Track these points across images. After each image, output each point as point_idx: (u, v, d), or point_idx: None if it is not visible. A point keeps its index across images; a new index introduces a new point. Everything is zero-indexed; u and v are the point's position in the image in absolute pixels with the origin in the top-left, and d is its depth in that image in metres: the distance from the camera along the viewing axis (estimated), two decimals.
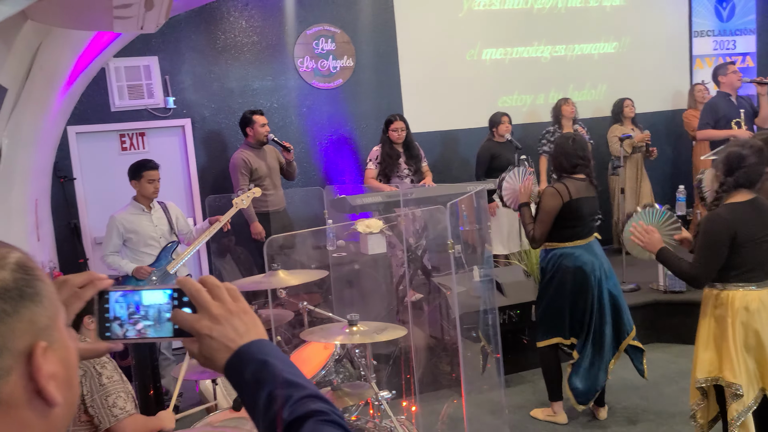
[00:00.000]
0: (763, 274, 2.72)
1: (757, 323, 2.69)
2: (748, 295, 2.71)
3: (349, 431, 0.84)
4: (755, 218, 2.73)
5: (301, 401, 0.83)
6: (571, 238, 3.74)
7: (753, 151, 2.73)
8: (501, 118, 5.98)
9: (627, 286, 5.34)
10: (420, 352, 4.15)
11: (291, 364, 0.88)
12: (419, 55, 6.62)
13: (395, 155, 5.53)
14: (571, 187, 3.69)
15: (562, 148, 3.78)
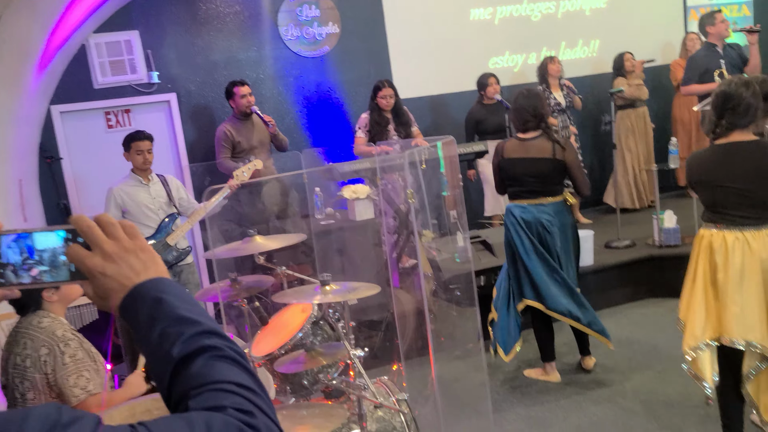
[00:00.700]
0: (734, 218, 2.66)
1: (719, 263, 2.66)
2: (716, 234, 2.69)
3: (247, 366, 0.81)
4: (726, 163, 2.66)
5: (193, 338, 0.79)
6: (514, 196, 3.78)
7: (740, 86, 2.63)
8: (488, 80, 5.89)
9: (622, 243, 5.30)
10: (411, 317, 4.14)
11: (190, 300, 0.85)
12: (406, 18, 6.50)
13: (384, 122, 5.46)
14: (508, 145, 3.73)
15: (514, 104, 3.73)
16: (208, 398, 0.75)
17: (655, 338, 4.32)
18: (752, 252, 2.63)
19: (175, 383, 0.78)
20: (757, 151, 2.65)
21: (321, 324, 2.65)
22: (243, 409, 0.75)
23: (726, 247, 2.64)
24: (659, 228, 5.14)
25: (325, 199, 4.87)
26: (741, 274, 2.63)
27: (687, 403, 3.39)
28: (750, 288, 2.63)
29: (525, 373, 4.03)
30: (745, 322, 2.63)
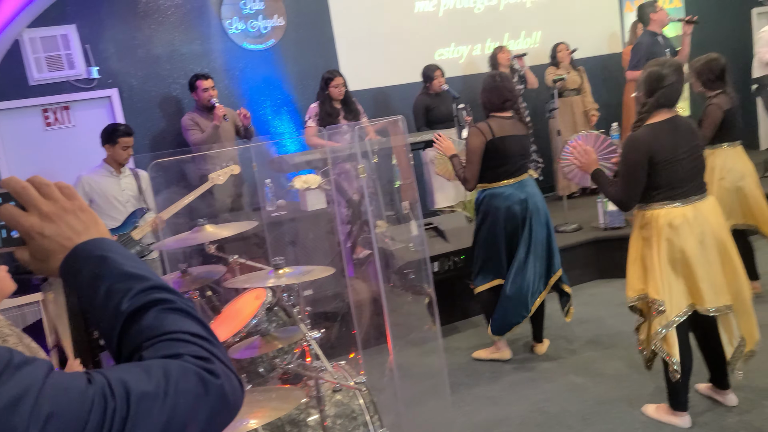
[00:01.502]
0: (685, 192, 2.77)
1: (681, 239, 2.74)
2: (672, 212, 2.76)
3: (199, 318, 0.80)
4: (673, 137, 2.76)
5: (143, 292, 0.78)
6: (500, 177, 3.73)
7: (672, 69, 2.76)
8: (434, 73, 5.95)
9: (569, 227, 5.44)
10: (367, 306, 4.14)
11: (136, 259, 0.83)
12: (352, 10, 6.50)
13: (334, 113, 5.45)
14: (494, 125, 3.68)
15: (491, 84, 3.75)
16: (162, 348, 0.74)
17: (603, 316, 4.45)
18: (707, 221, 2.77)
19: (125, 339, 0.76)
20: (686, 123, 2.84)
21: (275, 310, 2.62)
22: (199, 356, 0.74)
23: (688, 222, 2.75)
24: (603, 211, 5.30)
25: (276, 191, 4.82)
26: (703, 244, 2.75)
27: (636, 377, 3.51)
28: (712, 255, 2.76)
29: (473, 355, 4.07)
30: (715, 290, 2.76)
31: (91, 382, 0.67)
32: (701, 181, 2.84)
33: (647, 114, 2.80)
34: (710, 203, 2.83)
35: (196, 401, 0.71)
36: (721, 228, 2.83)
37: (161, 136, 5.75)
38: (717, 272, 2.79)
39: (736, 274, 2.84)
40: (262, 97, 6.14)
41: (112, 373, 0.69)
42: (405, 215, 3.99)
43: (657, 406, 3.09)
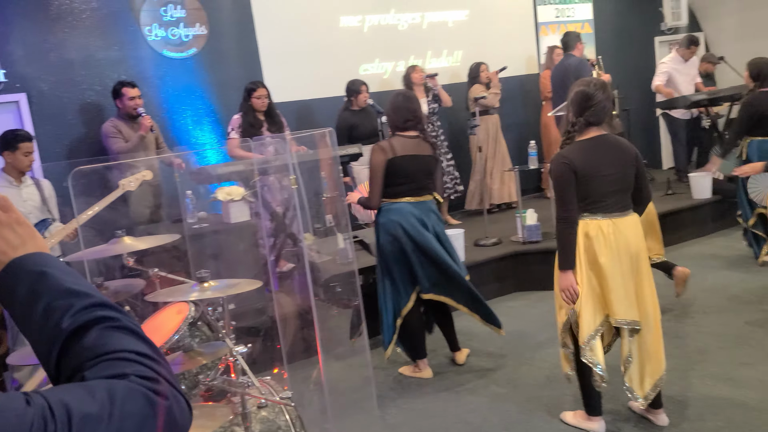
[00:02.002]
0: (605, 206, 2.89)
1: (595, 250, 2.87)
2: (589, 224, 2.89)
3: (144, 337, 0.76)
4: (598, 154, 2.88)
5: (85, 309, 0.74)
6: (400, 194, 3.75)
7: (599, 88, 2.88)
8: (359, 88, 5.99)
9: (489, 241, 5.58)
10: (292, 320, 4.08)
11: (76, 274, 0.79)
12: (276, 22, 6.45)
13: (257, 124, 5.37)
14: (396, 143, 3.71)
15: (393, 104, 3.79)
16: (106, 367, 0.70)
17: (523, 328, 4.57)
18: (623, 236, 2.89)
19: (65, 359, 0.72)
20: (617, 142, 2.95)
21: (199, 325, 2.54)
22: (146, 376, 0.71)
23: (603, 234, 2.86)
24: (522, 225, 5.47)
25: (197, 202, 4.69)
26: (618, 257, 2.87)
27: (555, 386, 3.62)
28: (625, 271, 2.88)
29: (400, 370, 4.09)
30: (627, 303, 2.88)
31: (30, 404, 0.63)
32: (626, 198, 2.94)
33: (577, 132, 2.91)
34: (631, 221, 2.94)
35: (143, 423, 0.67)
36: (638, 248, 2.94)
37: (75, 144, 5.48)
38: (629, 287, 2.91)
39: (645, 295, 2.96)
40: (183, 106, 5.97)
41: (52, 394, 0.64)
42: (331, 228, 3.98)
43: (574, 413, 3.21)
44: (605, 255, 2.85)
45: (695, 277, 5.21)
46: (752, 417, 3.06)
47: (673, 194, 6.78)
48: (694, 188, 6.57)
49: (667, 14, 9.06)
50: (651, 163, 9.11)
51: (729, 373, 3.51)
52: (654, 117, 8.78)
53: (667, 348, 3.57)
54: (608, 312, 2.92)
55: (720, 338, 3.97)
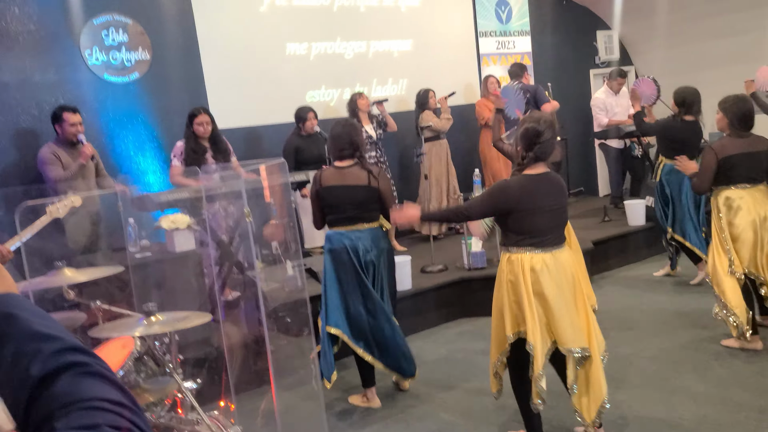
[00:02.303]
0: (545, 241, 3.01)
1: (541, 282, 2.96)
2: (534, 258, 2.99)
3: (118, 383, 0.74)
4: (540, 191, 3.01)
5: (54, 355, 0.72)
6: (332, 224, 3.82)
7: (547, 126, 3.00)
8: (307, 114, 6.01)
9: (435, 267, 5.64)
10: (237, 350, 4.01)
11: (46, 316, 0.76)
12: (222, 48, 6.42)
13: (201, 150, 5.29)
14: (325, 174, 3.78)
15: (331, 133, 3.84)
16: (78, 417, 0.67)
17: (469, 354, 4.62)
18: (564, 269, 3.01)
19: (34, 406, 0.69)
20: (557, 180, 3.12)
21: (145, 360, 2.47)
22: (119, 426, 0.68)
23: (547, 267, 2.96)
24: (468, 252, 5.56)
25: (140, 231, 4.57)
26: (561, 288, 2.98)
27: (501, 411, 3.67)
28: (569, 300, 2.99)
29: (349, 400, 4.07)
30: (573, 331, 2.97)
31: None
32: (562, 232, 3.10)
33: (526, 166, 3.03)
34: (568, 253, 3.10)
35: None
36: (576, 278, 3.08)
37: (8, 170, 5.27)
38: (574, 316, 3.02)
39: (589, 322, 3.08)
40: (125, 132, 5.84)
41: None
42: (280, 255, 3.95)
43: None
44: (550, 287, 2.96)
45: (632, 301, 5.42)
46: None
47: (609, 221, 7.04)
48: (629, 215, 6.84)
49: (600, 48, 9.49)
50: (588, 190, 9.45)
51: (664, 395, 3.64)
52: (590, 146, 9.14)
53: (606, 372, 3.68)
54: (556, 340, 3.01)
55: (655, 361, 4.12)
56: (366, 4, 7.41)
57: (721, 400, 3.51)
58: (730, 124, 4.08)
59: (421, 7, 7.84)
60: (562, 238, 3.09)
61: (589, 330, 3.05)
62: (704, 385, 3.71)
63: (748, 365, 3.90)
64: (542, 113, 3.19)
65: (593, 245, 6.11)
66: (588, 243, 6.10)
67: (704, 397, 3.55)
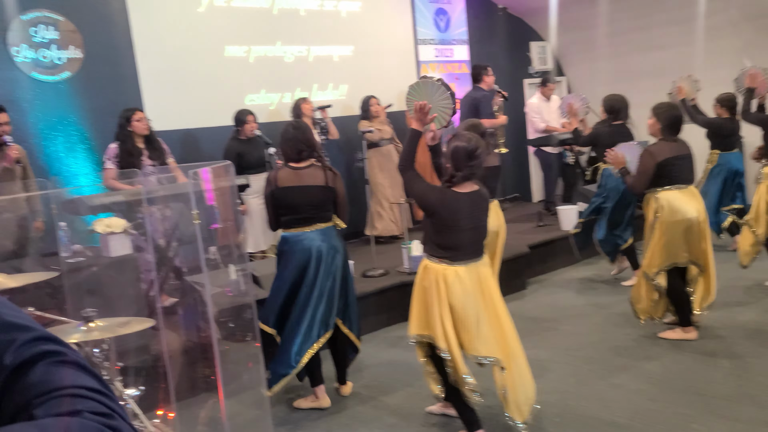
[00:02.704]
0: (464, 254, 3.10)
1: (452, 293, 3.05)
2: (448, 269, 3.07)
3: (93, 371, 0.73)
4: (465, 209, 3.09)
5: (27, 344, 0.70)
6: (289, 225, 3.80)
7: (479, 146, 3.07)
8: (246, 117, 5.94)
9: (376, 272, 5.67)
10: (177, 357, 3.91)
11: (14, 306, 0.74)
12: (158, 48, 6.26)
13: (137, 152, 5.14)
14: (281, 175, 3.75)
15: (286, 135, 3.80)
16: (56, 405, 0.67)
17: (410, 358, 4.65)
18: (478, 281, 3.10)
19: (8, 396, 0.67)
20: (483, 196, 3.19)
21: None
22: (100, 412, 0.68)
23: (459, 279, 3.04)
24: (408, 256, 5.62)
25: (72, 235, 4.39)
26: (474, 300, 3.06)
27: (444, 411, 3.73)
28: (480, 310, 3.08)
29: (295, 404, 4.03)
30: (482, 341, 3.06)
31: None
32: (481, 245, 3.19)
33: (455, 184, 3.09)
34: (485, 263, 3.19)
35: None
36: (492, 288, 3.17)
37: None
38: (485, 327, 3.11)
39: (506, 330, 3.18)
40: (55, 132, 5.61)
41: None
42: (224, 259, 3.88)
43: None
44: (459, 298, 3.04)
45: (566, 303, 5.60)
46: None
47: (543, 226, 7.26)
48: (562, 220, 7.08)
49: (534, 59, 9.80)
50: (523, 196, 9.72)
51: (600, 393, 3.78)
52: (525, 152, 9.40)
53: (542, 372, 3.81)
54: (463, 347, 3.11)
55: (590, 361, 4.28)
56: (306, 8, 7.39)
57: (652, 396, 3.67)
58: (661, 129, 4.30)
59: (362, 13, 7.88)
60: (480, 251, 3.18)
61: (507, 338, 3.15)
62: (637, 382, 3.87)
63: (676, 364, 4.10)
64: (473, 135, 3.20)
65: (529, 249, 6.29)
66: (524, 247, 6.28)
67: (637, 394, 3.71)
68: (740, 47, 8.04)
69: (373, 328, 5.33)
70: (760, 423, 3.24)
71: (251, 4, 6.95)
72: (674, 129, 4.30)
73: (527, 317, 5.13)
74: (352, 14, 7.80)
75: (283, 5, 7.20)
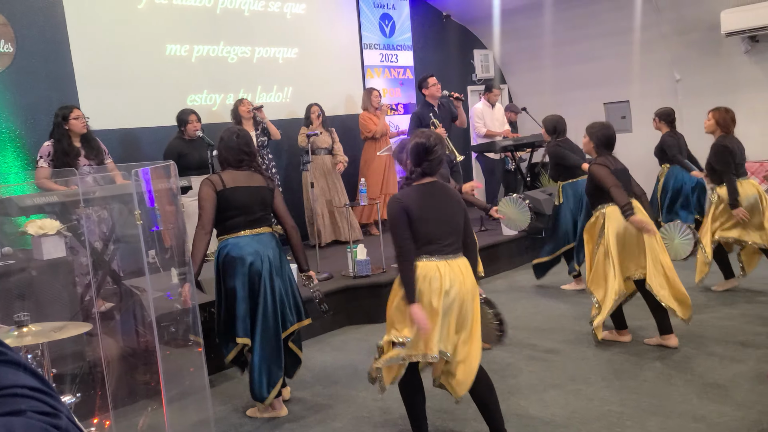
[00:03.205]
0: (439, 249, 3.08)
1: (431, 290, 3.03)
2: (427, 265, 3.05)
3: (35, 371, 0.71)
4: (427, 199, 3.09)
5: None
6: (236, 228, 3.68)
7: (437, 142, 3.10)
8: (189, 117, 5.83)
9: (321, 276, 5.64)
10: (114, 363, 3.79)
11: None
12: (95, 44, 6.07)
13: (73, 152, 4.96)
14: (226, 176, 3.67)
15: (227, 143, 3.72)
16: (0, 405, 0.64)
17: (355, 361, 4.66)
18: (457, 278, 3.07)
19: None
20: (447, 189, 3.21)
21: None
22: (44, 411, 0.66)
23: (440, 274, 3.03)
24: (353, 260, 5.62)
25: (2, 237, 4.20)
26: (449, 297, 3.05)
27: (389, 416, 3.74)
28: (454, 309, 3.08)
29: (248, 413, 3.95)
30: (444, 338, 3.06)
31: None
32: (458, 241, 3.15)
33: (414, 180, 3.12)
34: (464, 263, 3.16)
35: None
36: (469, 289, 3.16)
37: None
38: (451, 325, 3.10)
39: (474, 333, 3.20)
40: None
41: None
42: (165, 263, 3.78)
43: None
44: (437, 296, 3.03)
45: (507, 306, 5.71)
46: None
47: (486, 230, 7.39)
48: (503, 225, 7.22)
49: (477, 66, 9.99)
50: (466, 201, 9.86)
51: (539, 394, 3.88)
52: (468, 158, 9.56)
53: None
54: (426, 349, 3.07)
55: (530, 363, 4.38)
56: (251, 9, 7.32)
57: (588, 395, 3.79)
58: (595, 148, 4.45)
59: (307, 16, 7.85)
60: (458, 247, 3.14)
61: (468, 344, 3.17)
62: (573, 383, 3.98)
63: (609, 363, 4.24)
64: (431, 131, 3.25)
65: None
66: None
67: (573, 394, 3.82)
68: (670, 60, 8.42)
69: (316, 332, 5.29)
70: (690, 418, 3.39)
71: (193, 2, 6.83)
72: (608, 147, 4.44)
73: None
74: (297, 16, 7.77)
75: (226, 5, 7.10)
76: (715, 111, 5.36)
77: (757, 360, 4.07)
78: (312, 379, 4.37)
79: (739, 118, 8.08)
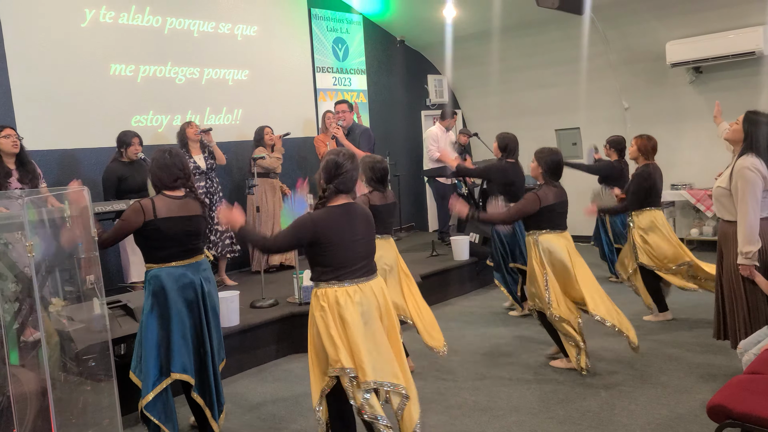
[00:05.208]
0: (352, 272, 3.01)
1: (346, 315, 2.95)
2: (339, 291, 2.98)
3: None
4: (344, 222, 3.02)
5: None
6: (168, 259, 3.46)
7: (347, 158, 3.03)
8: (131, 140, 5.65)
9: (266, 302, 5.49)
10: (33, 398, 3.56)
11: None
12: (34, 62, 5.87)
13: (6, 173, 4.75)
14: (160, 204, 3.42)
15: (160, 162, 3.50)
16: None
17: (298, 391, 4.51)
18: (372, 301, 3.01)
19: None
20: (363, 210, 3.14)
21: None
22: None
23: (351, 300, 2.95)
24: (299, 286, 5.49)
25: None
26: (366, 321, 2.97)
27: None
28: (377, 332, 2.99)
29: None
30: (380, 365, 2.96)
31: None
32: (371, 263, 3.10)
33: (328, 199, 3.03)
34: (378, 284, 3.10)
35: None
36: (387, 308, 3.10)
37: None
38: (384, 349, 3.02)
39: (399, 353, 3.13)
40: None
41: None
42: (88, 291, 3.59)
43: None
44: (356, 320, 2.94)
45: (454, 333, 5.65)
46: None
47: (437, 255, 7.34)
48: (455, 250, 7.19)
49: (431, 91, 10.04)
50: (419, 225, 9.84)
51: (482, 425, 3.80)
52: (421, 183, 9.55)
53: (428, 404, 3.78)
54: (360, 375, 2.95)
55: (476, 392, 4.30)
56: (200, 30, 7.20)
57: (531, 427, 3.72)
58: (543, 173, 4.46)
59: (258, 38, 7.78)
60: (372, 268, 3.09)
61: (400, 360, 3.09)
62: (516, 414, 3.92)
63: (554, 393, 4.19)
64: (343, 148, 3.20)
65: (421, 279, 6.32)
66: (417, 277, 6.29)
67: (517, 426, 3.75)
68: (619, 89, 8.60)
69: (260, 361, 5.14)
70: None
71: (140, 22, 6.68)
72: (555, 174, 4.47)
73: (413, 349, 5.09)
74: (248, 38, 7.68)
75: (175, 26, 6.97)
76: (638, 138, 5.43)
77: (701, 389, 4.08)
78: (250, 412, 4.20)
79: (683, 146, 8.33)
